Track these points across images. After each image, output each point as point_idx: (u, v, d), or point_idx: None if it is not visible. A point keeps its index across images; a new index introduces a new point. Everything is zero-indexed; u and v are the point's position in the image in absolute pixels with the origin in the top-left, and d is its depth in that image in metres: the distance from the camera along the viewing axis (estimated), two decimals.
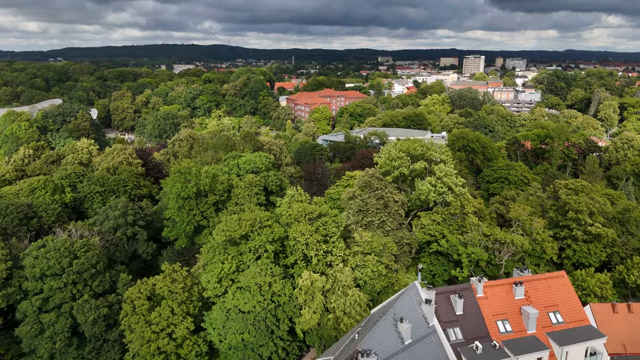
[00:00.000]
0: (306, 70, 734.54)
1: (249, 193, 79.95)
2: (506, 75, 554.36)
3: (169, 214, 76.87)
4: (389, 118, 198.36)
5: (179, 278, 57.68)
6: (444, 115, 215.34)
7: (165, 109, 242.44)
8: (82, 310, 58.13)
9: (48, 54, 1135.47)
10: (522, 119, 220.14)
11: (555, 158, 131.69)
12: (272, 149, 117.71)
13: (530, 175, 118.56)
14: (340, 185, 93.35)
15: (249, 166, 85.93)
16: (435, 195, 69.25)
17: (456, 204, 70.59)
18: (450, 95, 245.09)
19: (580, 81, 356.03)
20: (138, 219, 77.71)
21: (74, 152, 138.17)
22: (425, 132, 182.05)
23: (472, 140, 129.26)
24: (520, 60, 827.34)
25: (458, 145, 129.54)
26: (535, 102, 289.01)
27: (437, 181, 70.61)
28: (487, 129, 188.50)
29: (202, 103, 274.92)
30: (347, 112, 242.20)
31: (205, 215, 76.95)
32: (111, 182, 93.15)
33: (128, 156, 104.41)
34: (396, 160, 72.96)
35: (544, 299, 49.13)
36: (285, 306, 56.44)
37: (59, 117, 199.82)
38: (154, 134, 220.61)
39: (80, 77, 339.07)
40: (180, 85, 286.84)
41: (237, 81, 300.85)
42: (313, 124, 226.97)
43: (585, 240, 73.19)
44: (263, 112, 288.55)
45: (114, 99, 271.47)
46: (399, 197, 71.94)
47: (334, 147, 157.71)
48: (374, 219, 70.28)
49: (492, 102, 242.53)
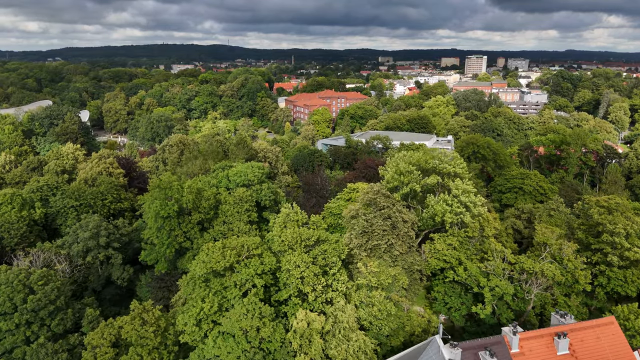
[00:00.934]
0: (306, 71, 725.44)
1: (238, 210, 70.88)
2: (509, 75, 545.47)
3: (147, 234, 67.81)
4: (392, 121, 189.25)
5: (150, 319, 48.53)
6: (449, 118, 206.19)
7: (159, 110, 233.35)
8: (37, 356, 49.10)
9: (47, 54, 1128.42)
10: (530, 122, 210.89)
11: (572, 166, 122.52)
12: (267, 157, 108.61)
13: (546, 185, 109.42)
14: (341, 199, 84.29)
15: (239, 179, 76.80)
16: (451, 216, 60.15)
17: (475, 226, 61.47)
18: (455, 96, 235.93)
19: (586, 82, 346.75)
20: (112, 241, 68.56)
21: (57, 158, 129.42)
22: (430, 135, 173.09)
23: (483, 146, 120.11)
24: (522, 60, 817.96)
25: (468, 151, 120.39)
26: (542, 104, 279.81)
27: (453, 199, 61.51)
28: (495, 132, 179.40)
29: (198, 104, 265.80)
30: (347, 114, 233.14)
31: (189, 236, 67.90)
32: (88, 195, 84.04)
33: (109, 165, 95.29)
34: (406, 175, 63.81)
35: (593, 353, 40.08)
36: (277, 354, 47.32)
37: (46, 119, 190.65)
38: (146, 137, 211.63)
39: (74, 77, 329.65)
40: (176, 86, 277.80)
41: (234, 82, 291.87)
42: (312, 127, 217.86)
43: (622, 266, 64.13)
44: (261, 113, 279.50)
45: (107, 100, 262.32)
46: (409, 217, 62.83)
47: (334, 152, 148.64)
48: (380, 243, 61.13)
49: (498, 104, 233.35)
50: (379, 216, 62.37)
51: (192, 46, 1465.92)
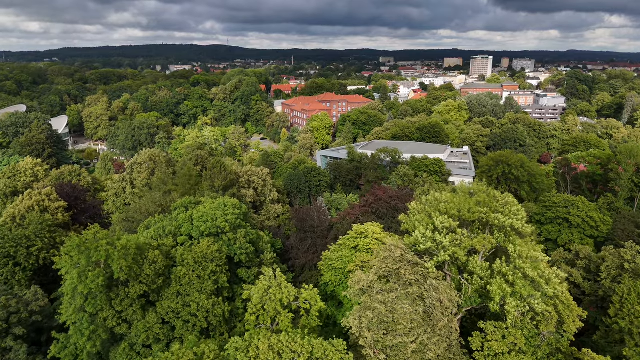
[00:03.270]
0: (306, 71, 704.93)
1: (200, 274, 49.81)
2: (516, 76, 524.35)
3: (64, 317, 46.72)
4: (400, 129, 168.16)
5: None
6: (463, 126, 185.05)
7: (142, 116, 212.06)
8: None
9: (44, 54, 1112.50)
10: (553, 129, 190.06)
11: (623, 189, 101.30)
12: (252, 181, 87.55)
13: (597, 216, 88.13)
14: (344, 246, 63.35)
15: (204, 225, 55.64)
16: (515, 304, 39.06)
17: (551, 316, 40.35)
18: (468, 101, 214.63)
19: (603, 84, 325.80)
20: (14, 324, 47.39)
21: (10, 177, 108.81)
22: (444, 147, 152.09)
23: (516, 165, 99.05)
24: (528, 60, 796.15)
25: (497, 172, 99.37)
26: (560, 108, 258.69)
27: (515, 273, 40.42)
28: (517, 143, 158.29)
29: (186, 109, 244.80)
30: (349, 120, 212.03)
31: (125, 317, 46.84)
32: (7, 242, 62.91)
33: (44, 198, 74.02)
34: (444, 234, 42.63)
35: None
36: None
37: (11, 128, 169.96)
38: (127, 146, 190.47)
39: (56, 79, 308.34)
40: (164, 89, 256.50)
41: (227, 84, 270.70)
42: (311, 135, 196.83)
43: None
44: (256, 118, 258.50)
45: (88, 104, 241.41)
46: (451, 298, 41.76)
47: (335, 167, 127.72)
48: (406, 340, 40.06)
49: (515, 109, 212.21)
50: (404, 297, 41.30)
51: (192, 46, 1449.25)
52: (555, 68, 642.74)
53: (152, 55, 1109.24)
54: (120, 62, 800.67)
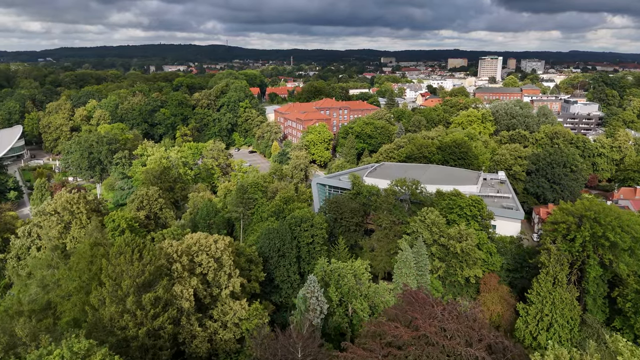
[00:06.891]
0: (305, 72, 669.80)
1: None
2: (527, 78, 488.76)
3: None
4: (416, 147, 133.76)
5: None
6: (492, 143, 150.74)
7: (105, 128, 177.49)
8: None
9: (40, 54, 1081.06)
10: (600, 146, 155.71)
11: None
12: (197, 263, 53.11)
13: None
14: None
15: None
16: None
17: None
18: (493, 110, 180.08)
19: (635, 88, 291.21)
20: None
21: None
22: (476, 173, 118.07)
23: (608, 227, 64.40)
24: (537, 61, 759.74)
25: (584, 235, 64.79)
26: (596, 117, 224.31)
27: None
28: (568, 168, 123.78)
29: (163, 118, 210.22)
30: (352, 133, 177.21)
31: None
32: None
33: None
34: None
35: None
36: None
37: None
38: (82, 166, 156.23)
39: (22, 82, 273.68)
40: (138, 95, 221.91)
41: (212, 89, 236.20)
42: (306, 152, 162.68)
43: None
44: (244, 128, 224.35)
45: (48, 112, 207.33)
46: None
47: (335, 207, 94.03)
48: None
49: (551, 121, 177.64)
50: None
51: (190, 46, 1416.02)
52: (567, 69, 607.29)
53: (148, 55, 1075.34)
54: (114, 62, 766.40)
